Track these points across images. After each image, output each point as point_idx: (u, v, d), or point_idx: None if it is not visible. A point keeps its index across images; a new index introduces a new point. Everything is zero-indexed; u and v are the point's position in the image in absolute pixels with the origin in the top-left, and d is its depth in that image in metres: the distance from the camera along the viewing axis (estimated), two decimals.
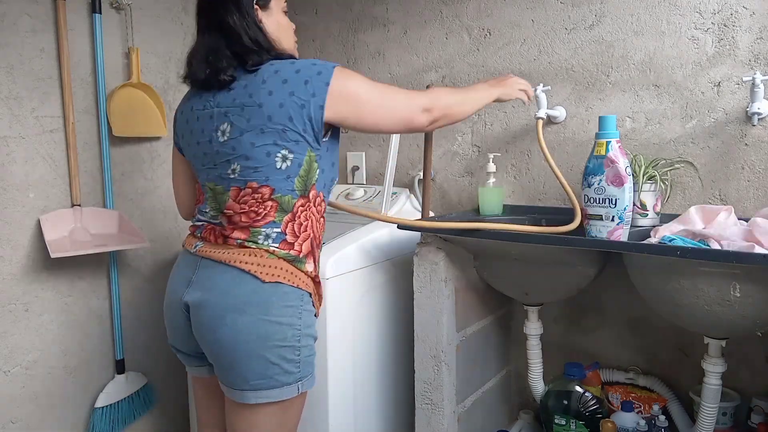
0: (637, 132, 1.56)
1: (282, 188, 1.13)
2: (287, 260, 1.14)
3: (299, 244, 1.15)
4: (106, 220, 1.69)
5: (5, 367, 1.54)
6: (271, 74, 1.12)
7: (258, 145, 1.11)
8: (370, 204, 1.80)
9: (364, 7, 2.04)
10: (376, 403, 1.62)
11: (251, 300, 1.10)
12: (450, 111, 1.25)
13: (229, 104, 1.14)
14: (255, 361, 1.10)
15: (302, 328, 1.14)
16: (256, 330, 1.10)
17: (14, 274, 1.54)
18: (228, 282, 1.12)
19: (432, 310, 1.48)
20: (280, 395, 1.12)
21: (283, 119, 1.10)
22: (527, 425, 1.75)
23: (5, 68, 1.49)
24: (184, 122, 1.24)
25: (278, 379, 1.12)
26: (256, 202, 1.13)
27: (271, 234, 1.13)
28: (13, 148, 1.52)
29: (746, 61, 1.41)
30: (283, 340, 1.11)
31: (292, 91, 1.10)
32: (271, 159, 1.12)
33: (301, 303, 1.15)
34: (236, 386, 1.13)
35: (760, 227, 1.15)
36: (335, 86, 1.11)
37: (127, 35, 1.75)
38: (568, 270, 1.39)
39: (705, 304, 1.12)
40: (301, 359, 1.14)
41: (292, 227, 1.15)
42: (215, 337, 1.12)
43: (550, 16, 1.67)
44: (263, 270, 1.11)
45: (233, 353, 1.11)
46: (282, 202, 1.13)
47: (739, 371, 1.46)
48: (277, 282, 1.12)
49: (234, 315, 1.10)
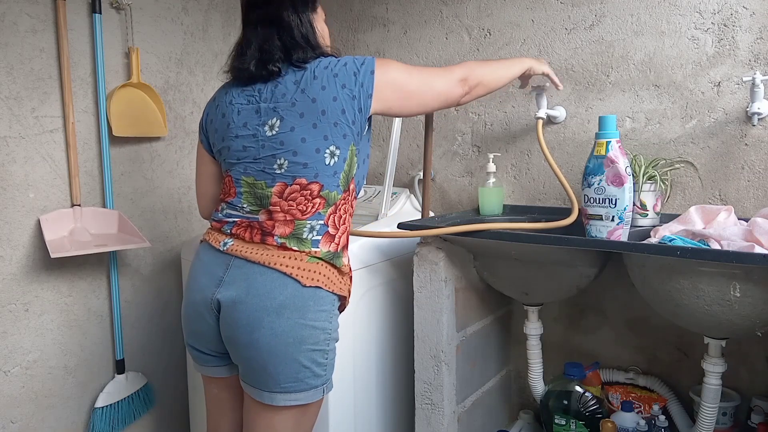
0: (637, 132, 1.56)
1: (330, 184, 1.15)
2: (327, 261, 1.15)
3: (339, 237, 1.18)
4: (106, 220, 1.69)
5: (5, 367, 1.54)
6: (321, 69, 1.14)
7: (309, 140, 1.12)
8: (370, 204, 1.80)
9: (364, 7, 2.04)
10: (376, 402, 1.61)
11: (290, 303, 1.10)
12: (484, 79, 1.30)
13: (279, 99, 1.14)
14: (289, 364, 1.11)
15: (332, 332, 1.16)
16: (293, 333, 1.10)
17: (14, 274, 1.54)
18: (267, 284, 1.11)
19: (432, 310, 1.48)
20: (307, 398, 1.13)
21: (337, 113, 1.13)
22: (527, 425, 1.75)
23: (5, 68, 1.49)
24: (220, 116, 1.22)
25: (308, 383, 1.13)
26: (305, 199, 1.13)
27: (315, 226, 1.14)
28: (13, 148, 1.52)
29: (746, 61, 1.41)
30: (316, 344, 1.13)
31: (344, 84, 1.13)
32: (321, 155, 1.13)
33: (333, 307, 1.17)
34: (266, 388, 1.12)
35: (760, 227, 1.15)
36: (380, 75, 1.15)
37: (127, 35, 1.75)
38: (568, 270, 1.39)
39: (705, 304, 1.12)
40: (328, 362, 1.16)
41: (333, 219, 1.16)
42: (251, 338, 1.11)
43: (550, 16, 1.67)
44: (304, 274, 1.11)
45: (268, 355, 1.10)
46: (329, 198, 1.15)
47: (739, 371, 1.46)
48: (316, 287, 1.12)
49: (272, 317, 1.10)
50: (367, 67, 1.15)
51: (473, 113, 1.84)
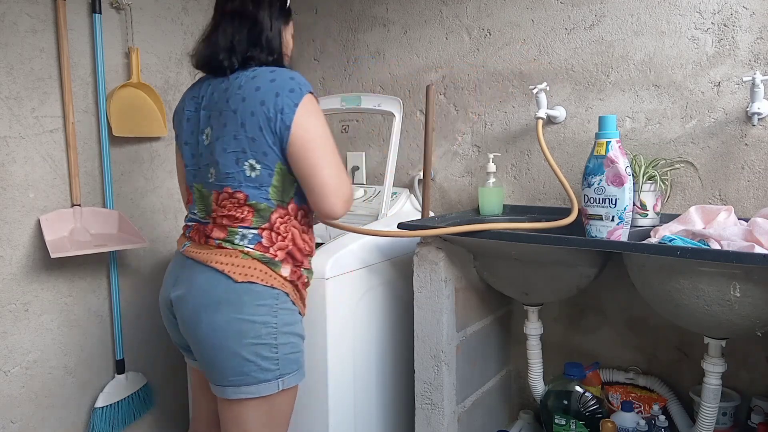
0: (637, 132, 1.56)
1: (256, 195, 1.15)
2: (262, 261, 1.16)
3: (275, 250, 1.17)
4: (106, 220, 1.69)
5: (5, 367, 1.54)
6: (248, 80, 1.14)
7: (229, 151, 1.15)
8: (370, 204, 1.80)
9: (364, 7, 2.04)
10: (376, 403, 1.61)
11: (225, 299, 1.14)
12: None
13: (212, 107, 1.18)
14: (231, 358, 1.14)
15: (279, 326, 1.16)
16: (230, 328, 1.13)
17: (14, 274, 1.54)
18: (204, 282, 1.16)
19: (432, 310, 1.48)
20: (257, 391, 1.15)
21: (255, 128, 1.12)
22: (527, 425, 1.75)
23: (5, 68, 1.49)
24: (178, 121, 1.29)
25: (255, 376, 1.14)
26: (234, 206, 1.16)
27: (247, 235, 1.16)
28: (13, 148, 1.52)
29: (746, 61, 1.41)
30: (258, 338, 1.14)
31: (263, 101, 1.12)
32: (241, 167, 1.15)
33: (277, 302, 1.17)
34: (217, 382, 1.17)
35: (760, 227, 1.15)
36: (302, 113, 1.12)
37: (127, 35, 1.75)
38: (568, 270, 1.39)
39: (705, 304, 1.12)
40: (279, 357, 1.16)
41: (269, 234, 1.17)
42: (195, 334, 1.17)
43: (550, 16, 1.67)
44: (236, 270, 1.14)
45: (211, 350, 1.15)
46: (258, 209, 1.16)
47: (739, 371, 1.46)
48: (249, 282, 1.14)
49: (209, 313, 1.14)
50: (293, 98, 1.11)
51: (473, 113, 1.84)
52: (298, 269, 1.22)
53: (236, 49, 1.16)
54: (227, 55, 1.16)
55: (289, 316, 1.19)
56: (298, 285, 1.22)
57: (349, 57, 2.10)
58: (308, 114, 1.13)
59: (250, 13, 1.18)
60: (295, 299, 1.21)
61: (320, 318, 1.40)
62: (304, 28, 2.19)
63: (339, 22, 2.11)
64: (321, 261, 1.40)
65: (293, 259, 1.20)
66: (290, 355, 1.18)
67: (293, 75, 1.15)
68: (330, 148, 1.16)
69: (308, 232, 1.25)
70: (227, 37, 1.17)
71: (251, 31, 1.17)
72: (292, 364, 1.19)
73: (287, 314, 1.18)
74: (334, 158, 1.16)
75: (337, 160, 1.17)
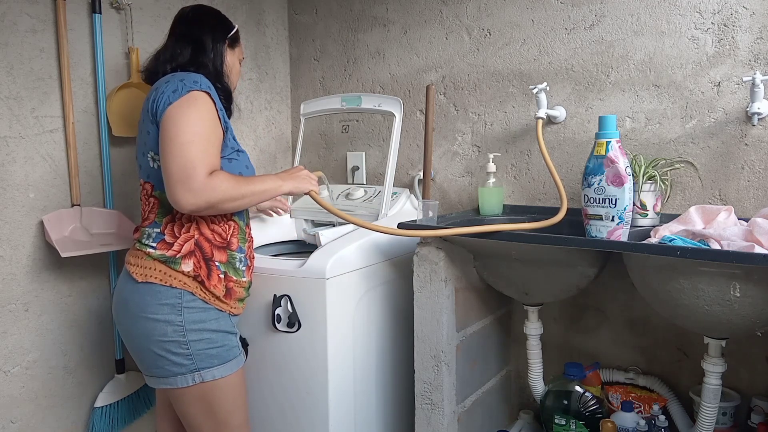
0: (637, 132, 1.56)
1: (159, 185, 1.22)
2: (161, 261, 1.21)
3: (179, 245, 1.22)
4: (106, 220, 1.68)
5: (5, 367, 1.54)
6: (161, 82, 1.23)
7: (140, 145, 1.27)
8: (370, 204, 1.80)
9: (364, 7, 2.04)
10: (376, 403, 1.61)
11: (130, 299, 1.23)
12: (222, 205, 1.17)
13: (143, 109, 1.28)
14: (145, 353, 1.23)
15: (186, 324, 1.20)
16: (138, 326, 1.21)
17: (14, 274, 1.54)
18: (120, 282, 1.28)
19: (432, 310, 1.48)
20: (174, 383, 1.23)
21: (147, 123, 1.22)
22: (527, 425, 1.75)
23: (5, 68, 1.49)
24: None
25: (169, 369, 1.22)
26: (144, 198, 1.27)
27: (152, 234, 1.24)
28: (13, 148, 1.52)
29: (746, 61, 1.41)
30: (164, 336, 1.20)
31: (154, 98, 1.20)
32: (146, 158, 1.25)
33: (180, 301, 1.20)
34: (144, 372, 1.28)
35: (760, 227, 1.15)
36: (174, 107, 1.16)
37: (127, 35, 1.75)
38: (568, 270, 1.39)
39: (705, 304, 1.12)
40: (192, 352, 1.21)
41: (172, 228, 1.23)
42: (120, 331, 1.29)
43: (550, 16, 1.67)
44: (138, 270, 1.22)
45: (130, 345, 1.26)
46: (162, 200, 1.22)
47: (739, 371, 1.46)
48: (148, 282, 1.20)
49: (122, 312, 1.25)
50: (172, 97, 1.16)
51: (473, 113, 1.84)
52: (209, 263, 1.23)
53: (177, 63, 1.29)
54: (165, 68, 1.29)
55: (197, 314, 1.22)
56: (205, 282, 1.22)
57: (349, 57, 2.10)
58: (179, 108, 1.16)
59: (195, 35, 1.32)
60: (206, 297, 1.23)
61: (320, 318, 1.40)
62: (304, 28, 2.19)
63: (339, 22, 2.11)
64: (321, 261, 1.41)
65: (201, 251, 1.23)
66: (207, 350, 1.22)
67: (185, 77, 1.21)
68: (189, 138, 1.12)
69: (221, 223, 1.26)
70: (171, 54, 1.30)
71: (194, 51, 1.31)
72: (211, 359, 1.23)
73: (195, 313, 1.21)
74: (193, 149, 1.12)
75: (197, 152, 1.12)
